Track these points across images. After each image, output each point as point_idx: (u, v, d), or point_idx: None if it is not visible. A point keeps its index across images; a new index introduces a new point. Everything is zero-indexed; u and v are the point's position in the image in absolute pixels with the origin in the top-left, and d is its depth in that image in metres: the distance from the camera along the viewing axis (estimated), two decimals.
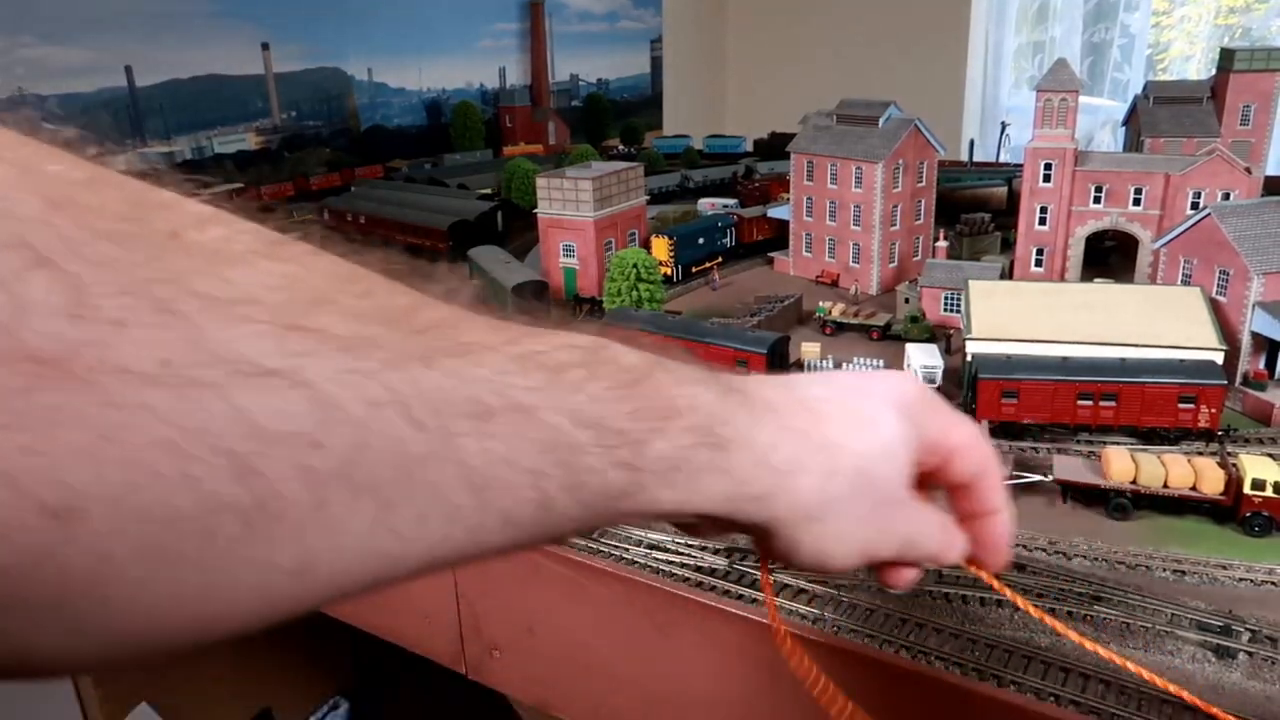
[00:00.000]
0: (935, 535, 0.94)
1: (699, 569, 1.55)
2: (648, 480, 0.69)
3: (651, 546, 1.62)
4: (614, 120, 6.89)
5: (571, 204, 3.19)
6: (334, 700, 3.43)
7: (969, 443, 0.94)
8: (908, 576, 0.95)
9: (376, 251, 0.61)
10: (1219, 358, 2.12)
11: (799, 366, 2.37)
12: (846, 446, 0.81)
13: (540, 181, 3.27)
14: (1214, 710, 1.10)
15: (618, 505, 0.68)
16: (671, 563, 1.57)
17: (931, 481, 0.95)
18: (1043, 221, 2.97)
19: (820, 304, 2.92)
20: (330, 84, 5.52)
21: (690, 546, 1.60)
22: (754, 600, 1.39)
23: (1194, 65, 6.63)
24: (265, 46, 5.10)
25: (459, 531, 0.57)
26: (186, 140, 4.88)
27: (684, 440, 0.69)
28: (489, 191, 4.81)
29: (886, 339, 2.76)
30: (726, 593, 1.48)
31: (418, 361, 0.53)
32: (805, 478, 0.78)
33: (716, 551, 1.59)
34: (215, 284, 0.46)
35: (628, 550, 1.62)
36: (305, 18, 5.28)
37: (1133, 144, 3.69)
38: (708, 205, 4.28)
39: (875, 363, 2.31)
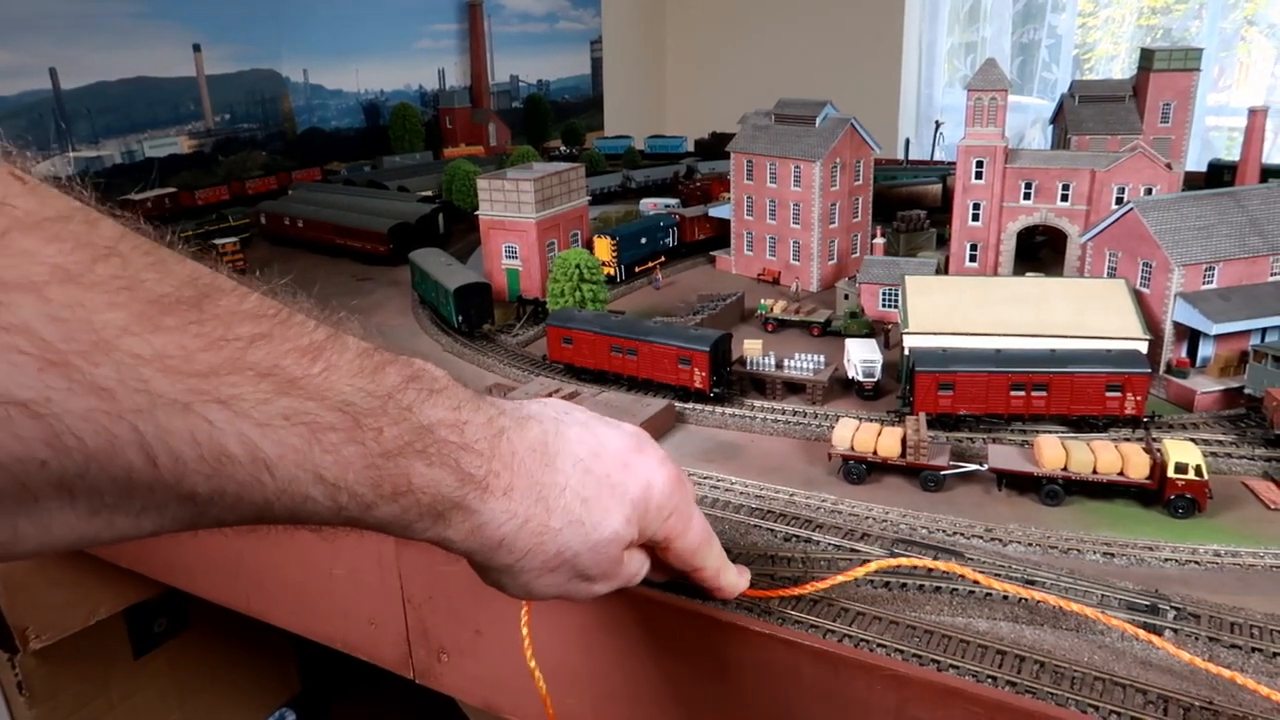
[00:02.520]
0: (643, 569, 1.19)
1: None
2: (369, 526, 0.85)
3: None
4: (555, 121, 6.88)
5: (513, 205, 3.18)
6: (280, 712, 3.37)
7: (680, 551, 1.21)
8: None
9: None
10: (1143, 347, 2.19)
11: (741, 363, 2.40)
12: (559, 536, 1.01)
13: (481, 183, 3.26)
14: None
15: (346, 527, 0.84)
16: None
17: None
18: (976, 217, 3.04)
19: (762, 301, 2.95)
20: (265, 86, 5.42)
21: None
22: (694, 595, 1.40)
23: (1118, 64, 6.85)
24: (196, 48, 4.99)
25: (178, 524, 0.69)
26: (116, 144, 4.75)
27: (409, 511, 0.86)
28: (430, 194, 4.77)
29: (827, 335, 2.81)
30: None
31: (176, 407, 0.62)
32: (508, 554, 0.99)
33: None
34: None
35: None
36: (237, 19, 5.17)
37: (1060, 141, 3.80)
38: (650, 205, 4.30)
39: (814, 357, 2.34)
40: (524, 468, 0.97)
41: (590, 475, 1.04)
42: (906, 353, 2.26)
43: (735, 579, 1.34)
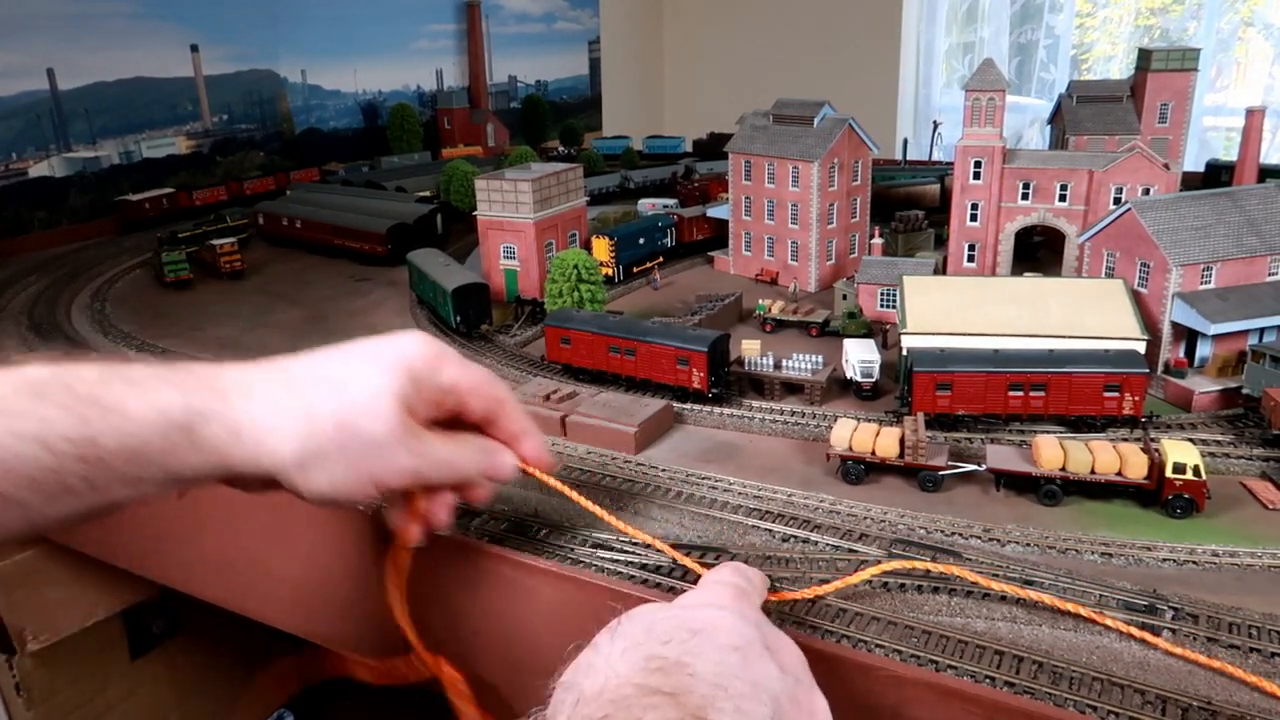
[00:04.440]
0: (468, 458, 1.25)
1: (644, 567, 1.56)
2: (119, 465, 0.98)
3: (596, 545, 1.63)
4: (553, 121, 6.88)
5: (511, 206, 3.18)
6: (279, 713, 3.37)
7: (476, 386, 1.26)
8: (479, 493, 1.32)
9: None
10: (1141, 347, 2.19)
11: (740, 364, 2.39)
12: (323, 406, 1.07)
13: (479, 183, 3.26)
14: None
15: (102, 487, 0.98)
16: (617, 561, 1.58)
17: (465, 420, 1.28)
18: (974, 218, 3.04)
19: (760, 302, 2.95)
20: (263, 86, 5.42)
21: (635, 545, 1.61)
22: None
23: (1116, 65, 6.85)
24: (194, 48, 4.99)
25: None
26: (114, 144, 4.76)
27: (148, 431, 0.98)
28: (428, 194, 4.76)
29: (825, 335, 2.81)
30: (671, 589, 1.49)
31: None
32: (283, 439, 1.05)
33: (661, 549, 1.60)
34: None
35: (573, 550, 1.62)
36: (235, 19, 5.17)
37: (1058, 141, 3.80)
38: (648, 205, 4.30)
39: (812, 357, 2.34)
40: (259, 371, 1.10)
41: (332, 357, 1.16)
42: (904, 353, 2.26)
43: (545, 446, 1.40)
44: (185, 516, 1.95)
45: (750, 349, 2.42)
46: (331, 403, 1.08)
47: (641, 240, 3.58)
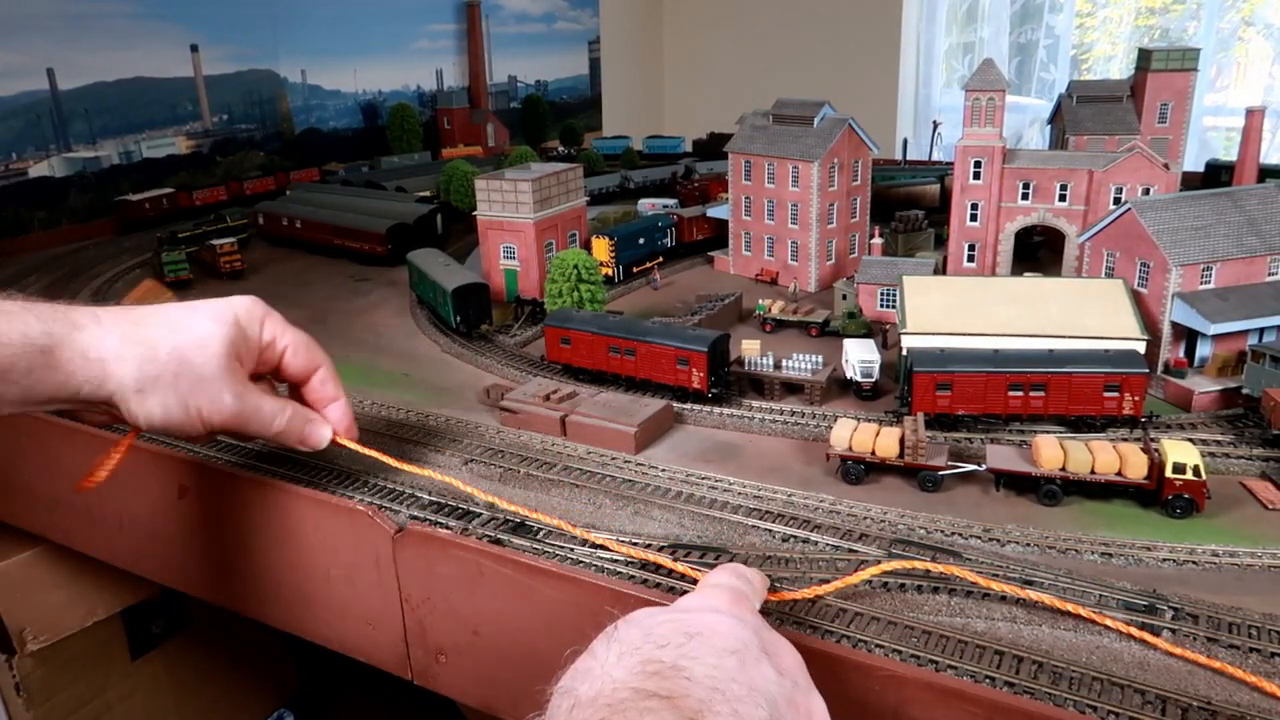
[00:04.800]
0: (286, 419, 1.43)
1: (644, 566, 1.56)
2: None
3: (596, 546, 1.63)
4: (553, 121, 6.88)
5: (511, 206, 3.18)
6: (279, 713, 3.37)
7: (295, 342, 1.46)
8: (302, 448, 1.55)
9: None
10: (1141, 347, 2.19)
11: (740, 364, 2.39)
12: (162, 339, 1.25)
13: (479, 183, 3.26)
14: None
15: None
16: (616, 561, 1.58)
17: (283, 378, 1.50)
18: (974, 218, 3.04)
19: (760, 302, 2.95)
20: (263, 86, 5.42)
21: (634, 546, 1.61)
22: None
23: (1116, 65, 6.85)
24: (194, 48, 4.98)
25: None
26: (114, 144, 4.76)
27: (5, 354, 1.12)
28: (428, 194, 4.76)
29: (825, 335, 2.81)
30: (671, 589, 1.49)
31: None
32: (125, 364, 1.22)
33: (660, 549, 1.61)
34: None
35: (573, 550, 1.62)
36: (235, 19, 5.17)
37: (1058, 141, 3.80)
38: (648, 205, 4.30)
39: (812, 357, 2.34)
40: (108, 312, 1.28)
41: (174, 305, 1.33)
42: (904, 353, 2.26)
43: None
44: (185, 516, 1.95)
45: (750, 349, 2.42)
46: (169, 338, 1.26)
47: (641, 240, 3.58)
